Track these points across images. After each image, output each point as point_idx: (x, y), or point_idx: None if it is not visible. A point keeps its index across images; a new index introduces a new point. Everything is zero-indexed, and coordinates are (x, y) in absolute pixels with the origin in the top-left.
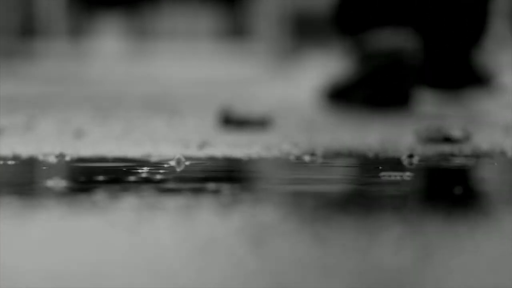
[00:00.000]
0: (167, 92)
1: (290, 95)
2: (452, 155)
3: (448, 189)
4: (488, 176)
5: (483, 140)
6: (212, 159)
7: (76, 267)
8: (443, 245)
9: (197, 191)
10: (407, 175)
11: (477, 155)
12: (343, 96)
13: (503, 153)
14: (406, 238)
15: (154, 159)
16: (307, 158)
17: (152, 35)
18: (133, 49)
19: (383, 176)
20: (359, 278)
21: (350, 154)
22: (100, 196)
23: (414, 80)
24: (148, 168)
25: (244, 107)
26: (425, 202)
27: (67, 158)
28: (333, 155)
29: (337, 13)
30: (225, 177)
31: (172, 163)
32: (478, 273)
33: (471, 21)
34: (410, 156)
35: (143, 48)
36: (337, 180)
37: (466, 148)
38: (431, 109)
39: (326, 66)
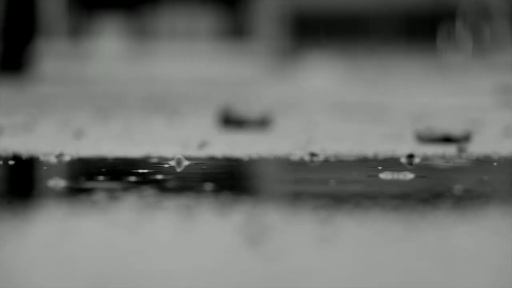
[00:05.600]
0: (167, 92)
1: (289, 95)
2: (452, 155)
3: (448, 189)
4: (487, 176)
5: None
6: (212, 159)
7: (76, 266)
8: (442, 244)
9: (197, 191)
10: (407, 175)
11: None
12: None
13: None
14: (406, 238)
15: (154, 159)
16: (307, 158)
17: (152, 35)
18: (133, 49)
19: (383, 176)
20: (360, 278)
21: (350, 154)
22: (100, 196)
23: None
24: (148, 168)
25: (244, 107)
26: (425, 202)
27: (67, 158)
28: (333, 155)
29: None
30: (225, 177)
31: (172, 163)
32: (477, 273)
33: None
34: (410, 156)
35: (143, 48)
36: (337, 180)
37: (467, 148)
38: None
39: (326, 65)
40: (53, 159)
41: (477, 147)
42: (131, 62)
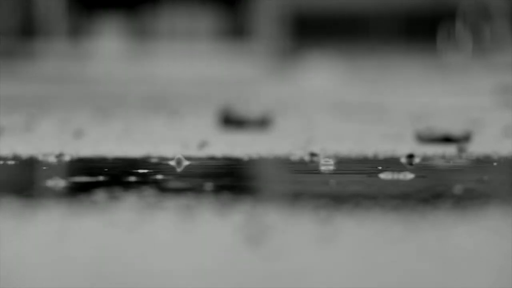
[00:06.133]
0: (167, 92)
1: (289, 95)
2: (452, 155)
3: (448, 189)
4: (487, 176)
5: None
6: (212, 159)
7: (76, 266)
8: (442, 244)
9: (197, 191)
10: (407, 175)
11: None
12: None
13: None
14: (406, 238)
15: (154, 159)
16: (307, 158)
17: (152, 35)
18: (133, 49)
19: (383, 175)
20: (360, 278)
21: (350, 154)
22: (100, 196)
23: None
24: (148, 168)
25: (244, 107)
26: (425, 202)
27: (67, 158)
28: (333, 155)
29: None
30: (225, 177)
31: (172, 163)
32: (477, 273)
33: None
34: (410, 156)
35: (143, 48)
36: (337, 180)
37: (467, 148)
38: None
39: (326, 65)
40: (53, 159)
41: (477, 147)
42: (131, 62)
